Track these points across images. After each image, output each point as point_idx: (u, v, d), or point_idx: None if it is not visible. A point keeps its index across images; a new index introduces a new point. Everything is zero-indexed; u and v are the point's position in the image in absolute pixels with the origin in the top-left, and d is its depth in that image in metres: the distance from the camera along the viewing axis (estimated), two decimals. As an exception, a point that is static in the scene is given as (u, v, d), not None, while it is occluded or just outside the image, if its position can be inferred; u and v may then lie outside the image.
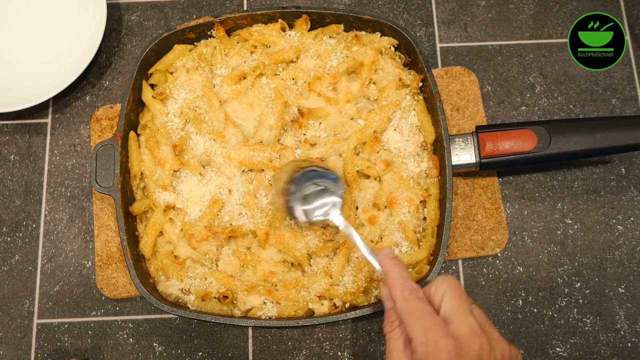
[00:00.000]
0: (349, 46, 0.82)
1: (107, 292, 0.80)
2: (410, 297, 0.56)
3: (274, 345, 0.80)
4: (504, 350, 0.54)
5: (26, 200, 0.86)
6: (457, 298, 0.55)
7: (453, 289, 0.56)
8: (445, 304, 0.55)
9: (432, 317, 0.54)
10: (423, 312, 0.54)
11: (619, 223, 0.84)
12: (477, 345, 0.52)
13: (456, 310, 0.54)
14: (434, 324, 0.53)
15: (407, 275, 0.59)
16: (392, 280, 0.58)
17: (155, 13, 0.94)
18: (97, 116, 0.87)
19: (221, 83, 0.81)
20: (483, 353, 0.52)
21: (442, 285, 0.56)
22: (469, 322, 0.54)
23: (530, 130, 0.77)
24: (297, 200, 0.72)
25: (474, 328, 0.53)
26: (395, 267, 0.59)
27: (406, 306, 0.55)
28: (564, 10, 0.94)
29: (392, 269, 0.59)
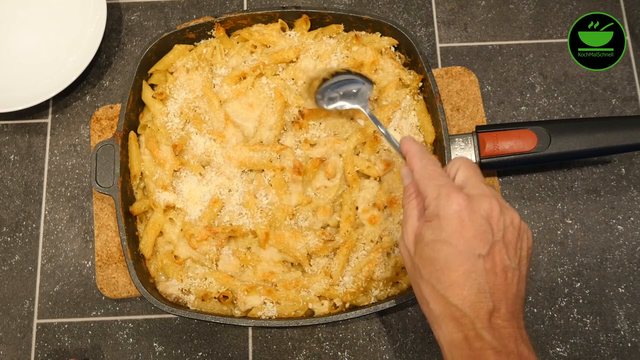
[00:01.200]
0: (349, 46, 0.82)
1: (107, 292, 0.80)
2: (428, 164, 0.59)
3: (274, 345, 0.80)
4: (513, 216, 0.55)
5: (26, 200, 0.86)
6: (470, 170, 0.58)
7: (467, 164, 0.59)
8: (459, 175, 0.58)
9: (446, 177, 0.57)
10: (438, 174, 0.57)
11: (619, 223, 0.84)
12: (488, 205, 0.54)
13: (469, 178, 0.57)
14: (447, 182, 0.56)
15: (425, 149, 0.62)
16: (411, 153, 0.61)
17: (155, 13, 0.94)
18: (97, 116, 0.87)
19: (221, 83, 0.81)
20: (493, 212, 0.53)
21: (457, 162, 0.59)
22: (481, 187, 0.56)
23: (530, 130, 0.77)
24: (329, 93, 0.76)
25: (486, 191, 0.55)
26: (415, 144, 0.62)
27: (422, 171, 0.58)
28: (564, 10, 0.94)
29: (412, 146, 0.62)
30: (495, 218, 0.53)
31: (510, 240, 0.54)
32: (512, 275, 0.53)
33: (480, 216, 0.53)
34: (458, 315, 0.52)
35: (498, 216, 0.54)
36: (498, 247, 0.53)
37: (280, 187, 0.76)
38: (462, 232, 0.52)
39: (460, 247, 0.52)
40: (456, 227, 0.53)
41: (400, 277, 0.75)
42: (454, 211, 0.53)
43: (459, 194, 0.54)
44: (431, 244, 0.54)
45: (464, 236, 0.52)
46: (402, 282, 0.75)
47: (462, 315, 0.51)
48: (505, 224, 0.54)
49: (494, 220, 0.53)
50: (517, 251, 0.55)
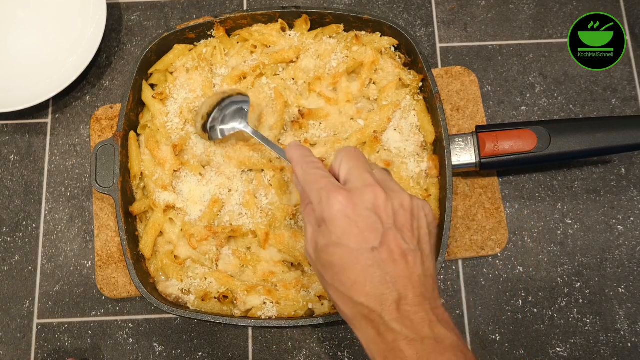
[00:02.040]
0: (349, 46, 0.82)
1: (107, 292, 0.80)
2: (308, 168, 0.58)
3: (274, 345, 0.80)
4: (402, 198, 0.54)
5: (26, 200, 0.86)
6: (353, 161, 0.57)
7: (350, 154, 0.58)
8: (342, 169, 0.57)
9: (326, 178, 0.56)
10: (318, 177, 0.56)
11: (619, 223, 0.84)
12: (371, 195, 0.53)
13: (352, 170, 0.56)
14: (327, 184, 0.55)
15: (308, 153, 0.61)
16: (294, 161, 0.60)
17: (155, 13, 0.94)
18: (97, 116, 0.87)
19: (221, 83, 0.81)
20: (378, 201, 0.53)
21: (339, 156, 0.58)
22: (363, 178, 0.55)
23: (530, 130, 0.77)
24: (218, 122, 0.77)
25: (369, 181, 0.54)
26: (297, 150, 0.61)
27: (305, 177, 0.58)
28: (564, 10, 0.94)
29: (294, 153, 0.61)
30: (381, 206, 0.53)
31: (404, 224, 0.53)
32: (413, 258, 0.52)
33: (365, 209, 0.52)
34: (366, 312, 0.51)
35: (384, 203, 0.53)
36: (391, 235, 0.52)
37: (280, 187, 0.76)
38: (350, 229, 0.52)
39: (352, 245, 0.52)
40: (343, 226, 0.52)
41: (400, 277, 0.75)
42: (337, 211, 0.52)
43: (339, 193, 0.53)
44: (325, 249, 0.53)
45: (352, 233, 0.52)
46: (402, 282, 0.74)
47: (370, 312, 0.51)
48: (395, 208, 0.53)
49: (381, 209, 0.53)
50: (414, 232, 0.54)
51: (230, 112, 0.77)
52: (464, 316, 0.81)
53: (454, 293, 0.82)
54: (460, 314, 0.81)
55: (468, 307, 0.81)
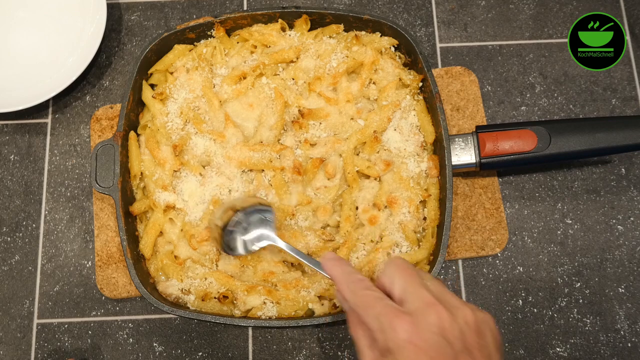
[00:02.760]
0: (349, 46, 0.82)
1: (107, 292, 0.80)
2: (357, 289, 0.55)
3: (274, 345, 0.80)
4: (465, 315, 0.51)
5: (26, 200, 0.86)
6: (405, 276, 0.54)
7: (400, 269, 0.55)
8: (395, 286, 0.54)
9: (382, 301, 0.52)
10: (372, 299, 0.53)
11: (619, 223, 0.84)
12: (435, 316, 0.50)
13: (408, 288, 0.53)
14: (384, 308, 0.51)
15: (351, 270, 0.58)
16: (337, 279, 0.58)
17: (155, 13, 0.94)
18: (97, 116, 0.87)
19: (221, 83, 0.81)
20: (443, 322, 0.50)
21: (389, 269, 0.55)
22: (421, 296, 0.52)
23: (530, 130, 0.77)
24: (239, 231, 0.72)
25: (428, 299, 0.51)
26: (337, 266, 0.59)
27: (355, 299, 0.54)
28: (564, 10, 0.94)
29: (334, 269, 0.58)
30: (448, 328, 0.50)
31: (472, 344, 0.50)
32: None
33: (431, 333, 0.49)
34: None
35: (450, 324, 0.50)
36: (462, 358, 0.49)
37: (280, 187, 0.76)
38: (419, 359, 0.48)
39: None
40: (412, 356, 0.49)
41: (400, 277, 0.75)
42: (403, 340, 0.49)
43: (402, 319, 0.50)
44: None
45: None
46: (402, 282, 0.74)
47: None
48: (461, 328, 0.50)
49: (448, 331, 0.50)
50: (482, 350, 0.51)
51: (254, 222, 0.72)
52: (464, 316, 0.81)
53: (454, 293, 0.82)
54: (460, 314, 0.81)
55: (468, 307, 0.81)
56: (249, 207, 0.73)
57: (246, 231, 0.72)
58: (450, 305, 0.52)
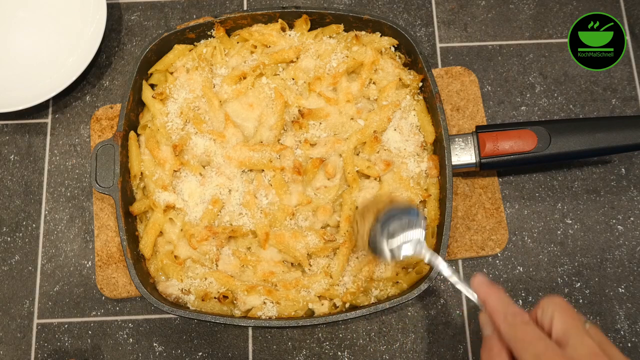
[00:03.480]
0: (349, 46, 0.82)
1: (107, 292, 0.80)
2: (516, 322, 0.51)
3: (274, 345, 0.80)
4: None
5: (26, 200, 0.86)
6: (568, 318, 0.50)
7: (563, 309, 0.51)
8: (556, 325, 0.50)
9: (544, 341, 0.49)
10: (533, 336, 0.50)
11: (619, 223, 0.84)
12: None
13: (570, 331, 0.49)
14: (547, 349, 0.48)
15: (508, 300, 0.55)
16: (492, 306, 0.54)
17: (155, 13, 0.94)
18: (97, 116, 0.87)
19: (221, 83, 0.81)
20: None
21: (550, 307, 0.52)
22: (587, 344, 0.48)
23: (530, 130, 0.77)
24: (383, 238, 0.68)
25: (594, 349, 0.48)
26: (493, 293, 0.55)
27: (513, 332, 0.51)
28: (564, 10, 0.94)
29: (490, 296, 0.55)
30: None
31: None
32: None
33: None
34: None
35: None
36: None
37: (280, 187, 0.76)
38: None
39: None
40: None
41: (400, 277, 0.75)
42: None
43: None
44: None
45: None
46: (402, 282, 0.75)
47: None
48: None
49: None
50: None
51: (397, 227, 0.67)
52: (464, 316, 0.81)
53: (454, 293, 0.82)
54: (460, 313, 0.81)
55: (468, 307, 0.81)
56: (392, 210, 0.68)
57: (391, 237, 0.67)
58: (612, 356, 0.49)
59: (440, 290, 0.82)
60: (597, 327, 0.53)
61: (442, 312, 0.81)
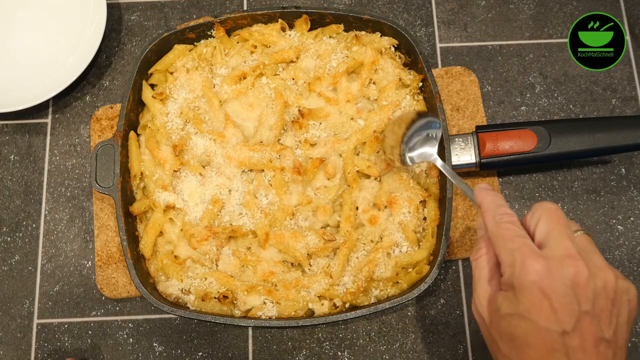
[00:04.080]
0: (349, 46, 0.82)
1: (107, 292, 0.80)
2: (502, 221, 0.53)
3: (274, 345, 0.80)
4: (606, 278, 0.48)
5: (26, 200, 0.86)
6: (553, 222, 0.51)
7: (550, 212, 0.52)
8: (540, 228, 0.51)
9: (522, 238, 0.50)
10: (512, 233, 0.51)
11: (619, 223, 0.84)
12: (573, 269, 0.47)
13: (551, 233, 0.50)
14: (522, 245, 0.49)
15: (502, 202, 0.56)
16: (485, 206, 0.56)
17: (155, 13, 0.94)
18: (97, 116, 0.87)
19: (221, 83, 0.81)
20: (579, 278, 0.47)
21: (538, 211, 0.52)
22: (564, 245, 0.49)
23: (530, 130, 0.77)
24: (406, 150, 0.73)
25: (570, 251, 0.48)
26: (489, 195, 0.57)
27: (496, 229, 0.53)
28: (564, 10, 0.94)
29: (486, 197, 0.57)
30: (582, 285, 0.47)
31: (603, 309, 0.47)
32: (605, 349, 0.47)
33: (563, 285, 0.47)
34: None
35: (586, 282, 0.47)
36: (587, 320, 0.46)
37: (280, 187, 0.76)
38: (542, 305, 0.47)
39: (541, 322, 0.47)
40: (535, 300, 0.47)
41: (400, 277, 0.75)
42: (531, 282, 0.47)
43: (536, 261, 0.48)
44: (508, 318, 0.49)
45: (544, 310, 0.47)
46: (402, 282, 0.75)
47: None
48: (596, 289, 0.47)
49: (581, 288, 0.47)
50: (612, 319, 0.48)
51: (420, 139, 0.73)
52: (464, 316, 0.81)
53: (454, 293, 0.82)
54: (460, 313, 0.81)
55: (468, 307, 0.81)
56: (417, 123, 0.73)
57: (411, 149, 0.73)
58: (593, 265, 0.49)
59: (440, 290, 0.82)
60: (589, 236, 0.53)
61: (442, 312, 0.81)
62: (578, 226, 0.54)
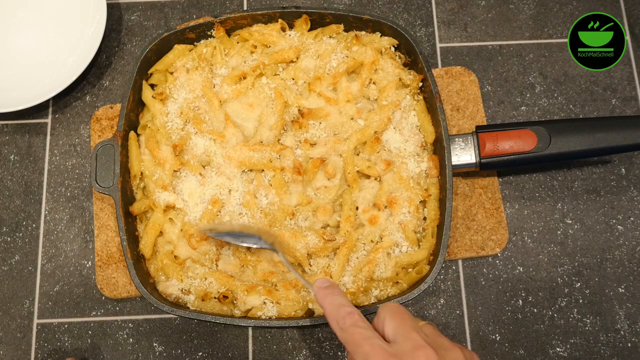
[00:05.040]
0: (349, 46, 0.82)
1: (107, 292, 0.80)
2: (346, 326, 0.55)
3: (274, 345, 0.80)
4: (455, 357, 0.53)
5: (26, 200, 0.86)
6: (397, 319, 0.54)
7: (393, 311, 0.55)
8: (387, 327, 0.54)
9: (370, 340, 0.53)
10: (361, 337, 0.53)
11: (619, 223, 0.84)
12: (423, 357, 0.51)
13: (398, 329, 0.54)
14: (372, 348, 0.52)
15: (341, 301, 0.58)
16: (327, 313, 0.58)
17: (155, 13, 0.94)
18: (97, 116, 0.87)
19: (221, 83, 0.81)
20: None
21: (382, 312, 0.56)
22: (412, 338, 0.52)
23: (530, 130, 0.77)
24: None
25: (418, 342, 0.52)
26: (327, 296, 0.58)
27: (344, 335, 0.55)
28: (564, 10, 0.94)
29: (324, 300, 0.59)
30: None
31: None
32: None
33: None
34: None
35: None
36: None
37: (280, 187, 0.76)
38: None
39: None
40: None
41: (400, 277, 0.75)
42: None
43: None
44: None
45: None
46: (402, 282, 0.75)
47: None
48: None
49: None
50: None
51: None
52: (464, 316, 0.81)
53: (454, 293, 0.82)
54: (460, 314, 0.81)
55: (468, 307, 0.81)
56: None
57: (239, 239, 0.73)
58: (440, 348, 0.52)
59: (440, 290, 0.82)
60: (432, 325, 0.57)
61: (442, 312, 0.81)
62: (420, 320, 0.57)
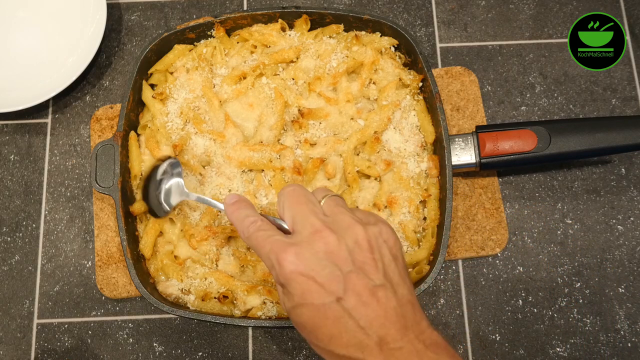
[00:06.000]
0: (349, 46, 0.82)
1: (107, 292, 0.80)
2: (250, 232, 0.55)
3: (274, 345, 0.80)
4: (355, 234, 0.51)
5: (26, 200, 0.86)
6: (294, 204, 0.53)
7: (289, 196, 0.54)
8: (286, 215, 0.54)
9: (270, 238, 0.52)
10: (262, 239, 0.53)
11: (619, 223, 0.84)
12: (321, 242, 0.50)
13: (296, 217, 0.53)
14: (272, 244, 0.51)
15: (247, 212, 0.57)
16: (236, 227, 0.57)
17: (155, 13, 0.94)
18: (97, 116, 0.87)
19: (221, 83, 0.81)
20: (330, 246, 0.50)
21: (280, 198, 0.55)
22: (309, 223, 0.51)
23: (530, 130, 0.77)
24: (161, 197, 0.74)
25: (316, 226, 0.51)
26: (234, 212, 0.58)
27: (250, 243, 0.55)
28: (564, 10, 0.94)
29: (232, 215, 0.58)
30: (335, 251, 0.49)
31: (364, 260, 0.50)
32: (383, 292, 0.49)
33: (318, 260, 0.49)
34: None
35: (337, 247, 0.50)
36: (353, 277, 0.49)
37: (280, 187, 0.76)
38: (309, 287, 0.49)
39: (316, 301, 0.49)
40: (301, 286, 0.49)
41: (400, 277, 0.75)
42: (290, 272, 0.49)
43: (287, 252, 0.50)
44: (293, 311, 0.51)
45: (313, 290, 0.49)
46: (402, 282, 0.74)
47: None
48: (350, 248, 0.50)
49: (335, 254, 0.49)
50: (377, 264, 0.50)
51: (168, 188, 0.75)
52: (464, 316, 0.81)
53: (454, 293, 0.82)
54: (460, 314, 0.81)
55: (468, 307, 0.81)
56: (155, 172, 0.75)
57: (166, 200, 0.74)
58: (340, 228, 0.51)
59: (440, 290, 0.82)
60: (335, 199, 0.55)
61: (442, 312, 0.81)
62: (325, 191, 0.56)
